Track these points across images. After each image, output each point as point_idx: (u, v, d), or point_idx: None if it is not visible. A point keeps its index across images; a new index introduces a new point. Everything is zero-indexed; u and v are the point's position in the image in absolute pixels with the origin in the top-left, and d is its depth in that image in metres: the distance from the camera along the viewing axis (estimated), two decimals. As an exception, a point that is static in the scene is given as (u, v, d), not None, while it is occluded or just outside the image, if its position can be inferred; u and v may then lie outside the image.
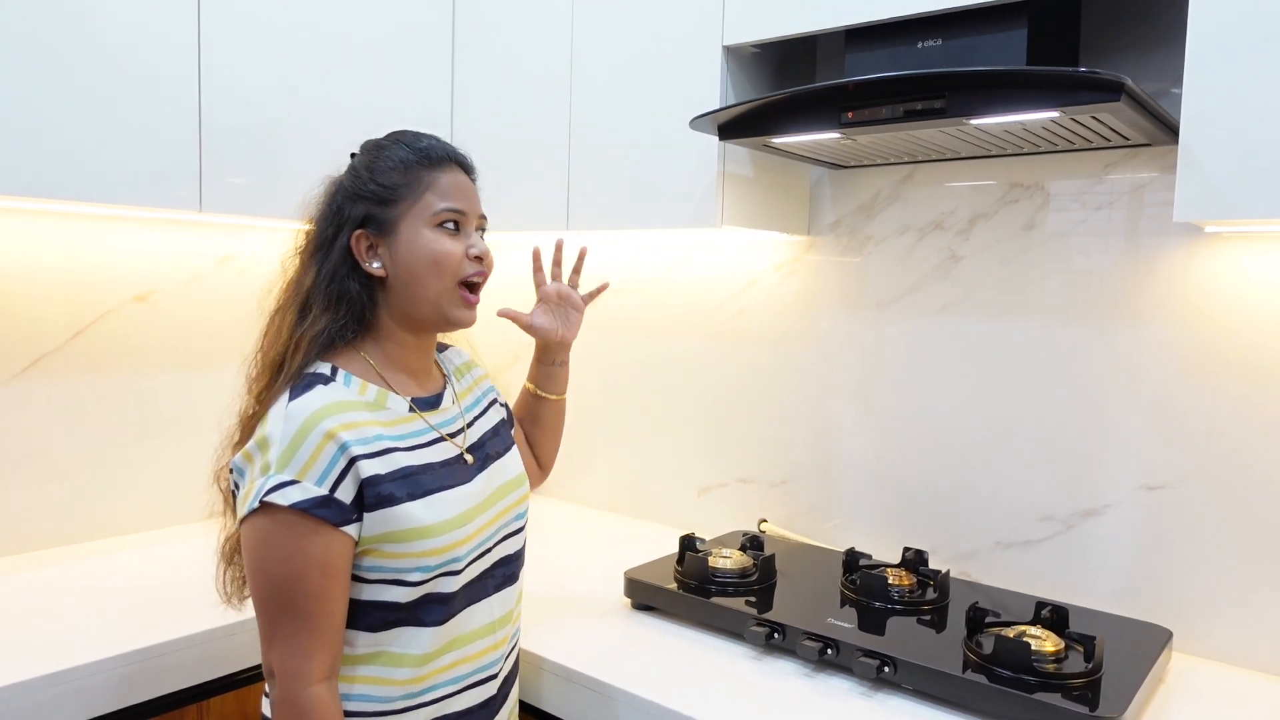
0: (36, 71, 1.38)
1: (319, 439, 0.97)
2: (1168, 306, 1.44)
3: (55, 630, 1.35)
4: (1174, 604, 1.44)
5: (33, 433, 1.70)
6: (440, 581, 1.05)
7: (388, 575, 1.02)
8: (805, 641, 1.32)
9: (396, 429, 1.07)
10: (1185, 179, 1.12)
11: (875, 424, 1.76)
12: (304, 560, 0.96)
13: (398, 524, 1.01)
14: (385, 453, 1.03)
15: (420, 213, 1.08)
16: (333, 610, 0.99)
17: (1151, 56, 1.42)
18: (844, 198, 1.78)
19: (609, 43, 1.72)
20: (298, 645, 0.97)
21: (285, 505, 0.95)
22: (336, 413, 1.00)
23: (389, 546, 1.01)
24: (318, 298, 1.07)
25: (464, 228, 1.11)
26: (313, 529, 0.96)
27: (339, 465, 0.98)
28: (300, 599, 0.96)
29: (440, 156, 1.11)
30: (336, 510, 0.97)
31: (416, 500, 1.03)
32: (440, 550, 1.04)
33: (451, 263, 1.09)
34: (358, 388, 1.06)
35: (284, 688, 0.98)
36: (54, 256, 1.71)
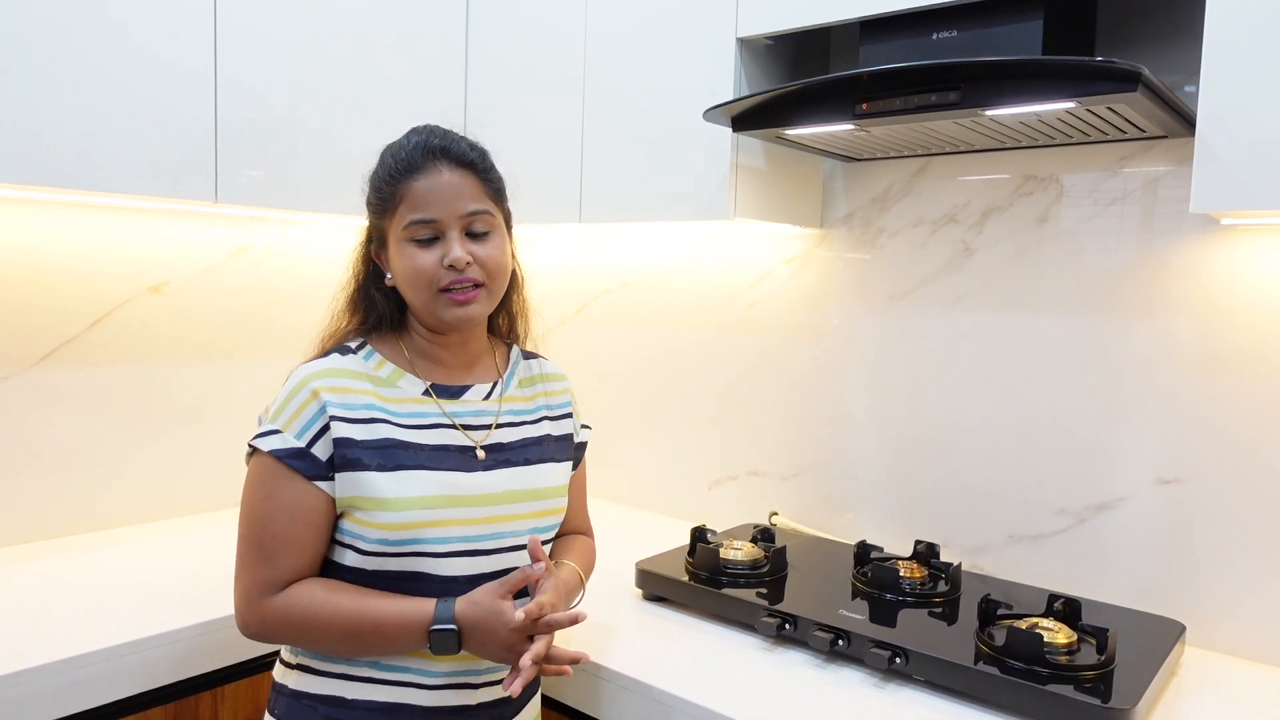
0: (55, 64, 1.40)
1: (305, 396, 1.05)
2: (1183, 300, 1.43)
3: (73, 616, 1.36)
4: (1187, 597, 1.43)
5: (50, 422, 1.71)
6: (415, 561, 1.06)
7: (346, 539, 1.07)
8: (817, 632, 1.32)
9: (398, 405, 1.10)
10: (1202, 170, 1.12)
11: (887, 417, 1.76)
12: (274, 503, 1.03)
13: (360, 490, 1.04)
14: (371, 421, 1.06)
15: (396, 227, 1.09)
16: (293, 553, 1.04)
17: (1168, 48, 1.42)
18: (857, 190, 1.78)
19: (622, 35, 1.72)
20: (259, 576, 1.04)
21: (265, 451, 1.04)
22: (330, 376, 1.07)
23: (356, 513, 1.05)
24: (359, 299, 1.17)
25: (442, 234, 1.08)
26: (287, 476, 1.03)
27: (318, 423, 1.04)
28: (266, 537, 1.03)
29: (419, 159, 1.08)
30: (310, 464, 1.04)
31: (386, 472, 1.05)
32: (400, 526, 1.04)
33: (423, 277, 1.08)
34: (375, 363, 1.12)
35: (247, 610, 1.04)
36: (71, 247, 1.72)
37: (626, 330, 2.16)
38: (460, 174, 1.10)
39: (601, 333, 2.20)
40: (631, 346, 2.15)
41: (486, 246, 1.12)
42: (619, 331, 2.17)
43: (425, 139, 1.11)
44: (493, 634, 1.02)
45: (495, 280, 1.13)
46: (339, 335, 1.17)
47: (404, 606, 1.03)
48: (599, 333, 2.21)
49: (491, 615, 1.02)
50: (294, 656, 1.12)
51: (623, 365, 2.17)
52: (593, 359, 2.22)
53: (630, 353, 2.15)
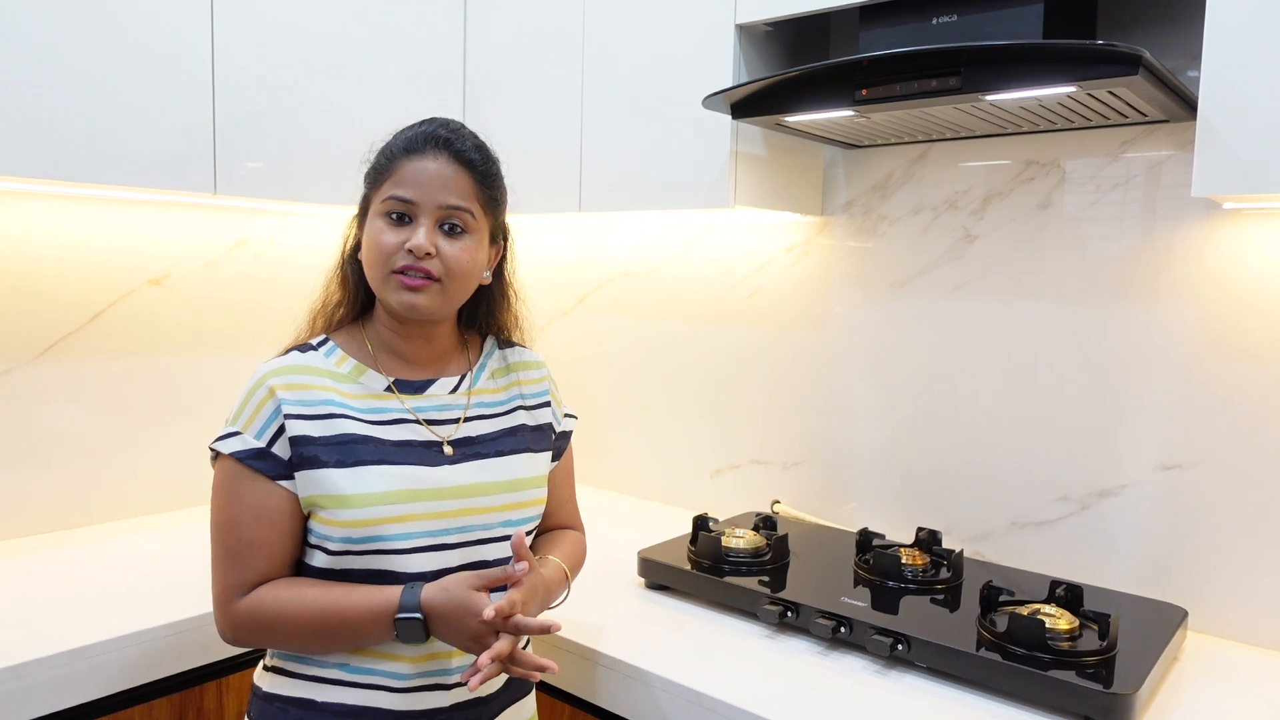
0: (54, 58, 1.39)
1: (263, 395, 1.04)
2: (1186, 284, 1.43)
3: (76, 608, 1.37)
4: (1190, 583, 1.43)
5: (51, 415, 1.72)
6: (380, 559, 1.04)
7: (314, 540, 1.06)
8: (819, 620, 1.32)
9: (360, 401, 1.08)
10: (1204, 153, 1.11)
11: (889, 405, 1.76)
12: (239, 506, 1.02)
13: (319, 488, 1.03)
14: (328, 417, 1.05)
15: (377, 200, 1.09)
16: (261, 555, 1.03)
17: (1169, 32, 1.41)
18: (857, 177, 1.78)
19: (621, 22, 1.72)
20: (229, 579, 1.03)
21: (226, 453, 1.03)
22: (287, 374, 1.06)
23: (319, 512, 1.04)
24: (340, 275, 1.16)
25: (415, 218, 1.06)
26: (248, 477, 1.02)
27: (275, 422, 1.03)
28: (233, 541, 1.03)
29: (421, 143, 1.08)
30: (271, 464, 1.03)
31: (345, 468, 1.03)
32: (361, 523, 1.02)
33: (381, 253, 1.06)
34: (336, 359, 1.11)
35: (221, 611, 1.03)
36: (71, 240, 1.72)
37: (627, 320, 2.16)
38: (455, 168, 1.08)
39: (602, 323, 2.20)
40: (632, 336, 2.15)
41: (455, 245, 1.08)
42: (620, 321, 2.17)
43: (434, 128, 1.10)
44: (460, 624, 0.99)
45: (453, 280, 1.08)
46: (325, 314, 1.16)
47: (370, 596, 1.01)
48: (600, 323, 2.20)
49: (460, 605, 0.99)
50: (271, 659, 1.11)
51: (624, 355, 2.17)
52: (594, 349, 2.22)
53: (631, 342, 2.15)
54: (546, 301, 2.31)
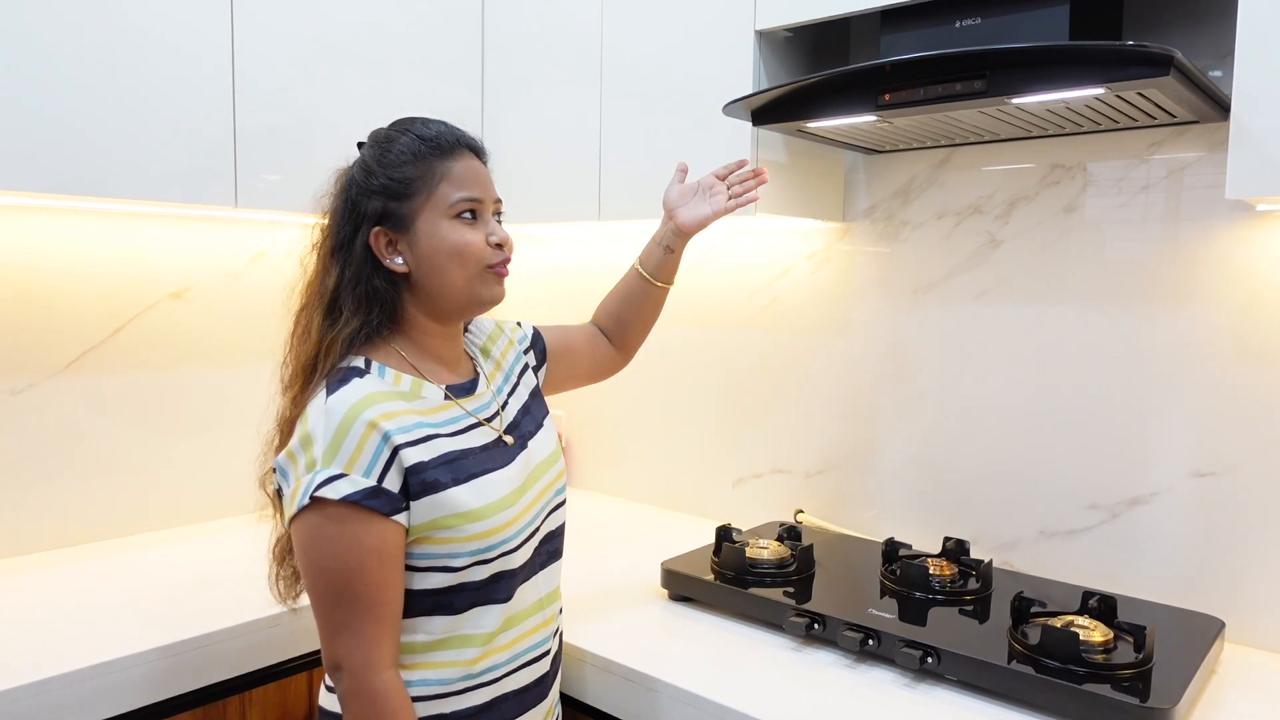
0: (75, 72, 1.40)
1: (362, 430, 0.97)
2: (1218, 288, 1.40)
3: (98, 623, 1.36)
4: (1226, 594, 1.40)
5: (74, 428, 1.72)
6: (505, 560, 1.07)
7: (436, 562, 1.02)
8: (846, 632, 1.30)
9: (435, 416, 1.06)
10: (1237, 155, 1.09)
11: (913, 413, 1.74)
12: (360, 551, 0.96)
13: (445, 509, 1.01)
14: (427, 439, 1.02)
15: (437, 205, 1.06)
16: (392, 598, 0.99)
17: (1196, 31, 1.39)
18: (879, 183, 1.76)
19: (639, 29, 1.71)
20: (365, 635, 0.97)
21: (336, 499, 0.95)
22: (376, 403, 1.00)
23: (439, 533, 1.01)
24: (347, 300, 1.06)
25: (481, 215, 1.10)
26: (366, 519, 0.96)
27: (384, 455, 0.98)
28: (361, 589, 0.97)
29: (450, 143, 1.09)
30: (386, 500, 0.97)
31: (461, 485, 1.03)
32: (491, 532, 1.04)
33: (474, 252, 1.08)
34: (392, 379, 1.06)
35: (355, 679, 0.98)
36: (93, 254, 1.73)
37: (647, 328, 2.14)
38: (480, 163, 1.13)
39: (622, 331, 2.19)
40: (652, 344, 2.14)
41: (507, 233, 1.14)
42: (640, 330, 2.15)
43: (446, 128, 1.11)
44: None
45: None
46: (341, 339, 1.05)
47: None
48: (619, 331, 2.19)
49: None
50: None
51: (643, 363, 2.15)
52: (614, 358, 2.21)
53: (651, 351, 2.14)
54: (567, 308, 2.30)
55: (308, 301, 1.10)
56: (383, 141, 1.09)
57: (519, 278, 2.39)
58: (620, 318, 1.42)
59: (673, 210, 1.38)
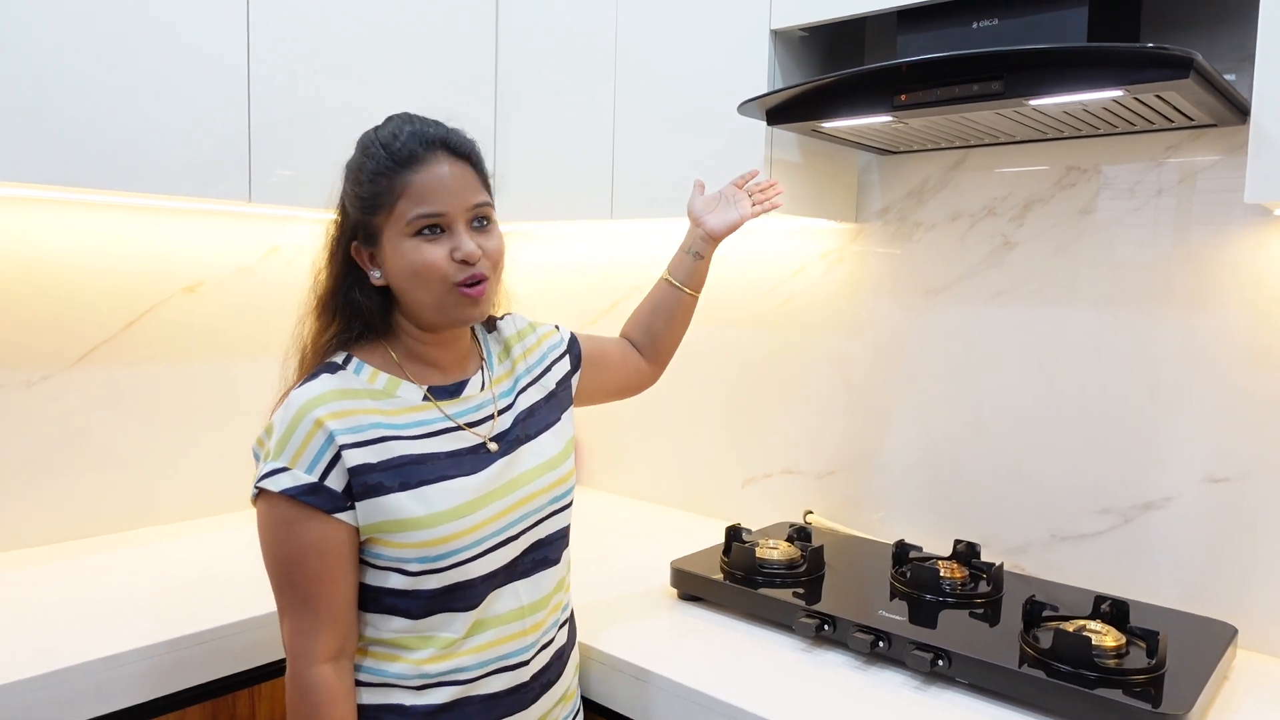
0: (90, 67, 1.40)
1: (309, 427, 0.99)
2: (1233, 293, 1.39)
3: (110, 615, 1.37)
4: (1239, 599, 1.39)
5: (87, 421, 1.73)
6: (461, 570, 1.04)
7: (390, 563, 1.02)
8: (857, 634, 1.30)
9: (401, 417, 1.05)
10: (1257, 159, 1.08)
11: (925, 414, 1.73)
12: (299, 544, 0.99)
13: (386, 514, 1.00)
14: (379, 441, 1.01)
15: (396, 223, 1.02)
16: (333, 593, 1.00)
17: (1216, 34, 1.38)
18: (893, 184, 1.75)
19: (654, 27, 1.71)
20: (302, 626, 1.00)
21: (276, 491, 0.98)
22: (330, 401, 1.00)
23: (386, 536, 1.01)
24: (339, 305, 1.08)
25: (449, 228, 1.04)
26: (305, 515, 0.98)
27: (327, 454, 0.99)
28: (300, 580, 0.99)
29: (411, 153, 1.02)
30: (327, 498, 0.98)
31: (408, 490, 1.01)
32: (438, 542, 1.02)
33: (434, 273, 1.03)
34: (368, 375, 1.06)
35: (292, 665, 1.01)
36: (106, 248, 1.74)
37: (658, 327, 2.14)
38: (459, 165, 1.05)
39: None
40: (663, 343, 2.13)
41: (491, 239, 1.07)
42: (650, 328, 2.15)
43: (420, 128, 1.04)
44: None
45: (497, 271, 1.09)
46: (318, 346, 1.08)
47: None
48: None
49: None
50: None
51: (654, 362, 2.15)
52: (624, 356, 2.21)
53: (662, 350, 2.14)
54: (577, 308, 2.30)
55: (310, 305, 1.12)
56: (365, 148, 1.06)
57: (531, 276, 2.39)
58: (651, 329, 1.41)
59: (700, 218, 1.40)
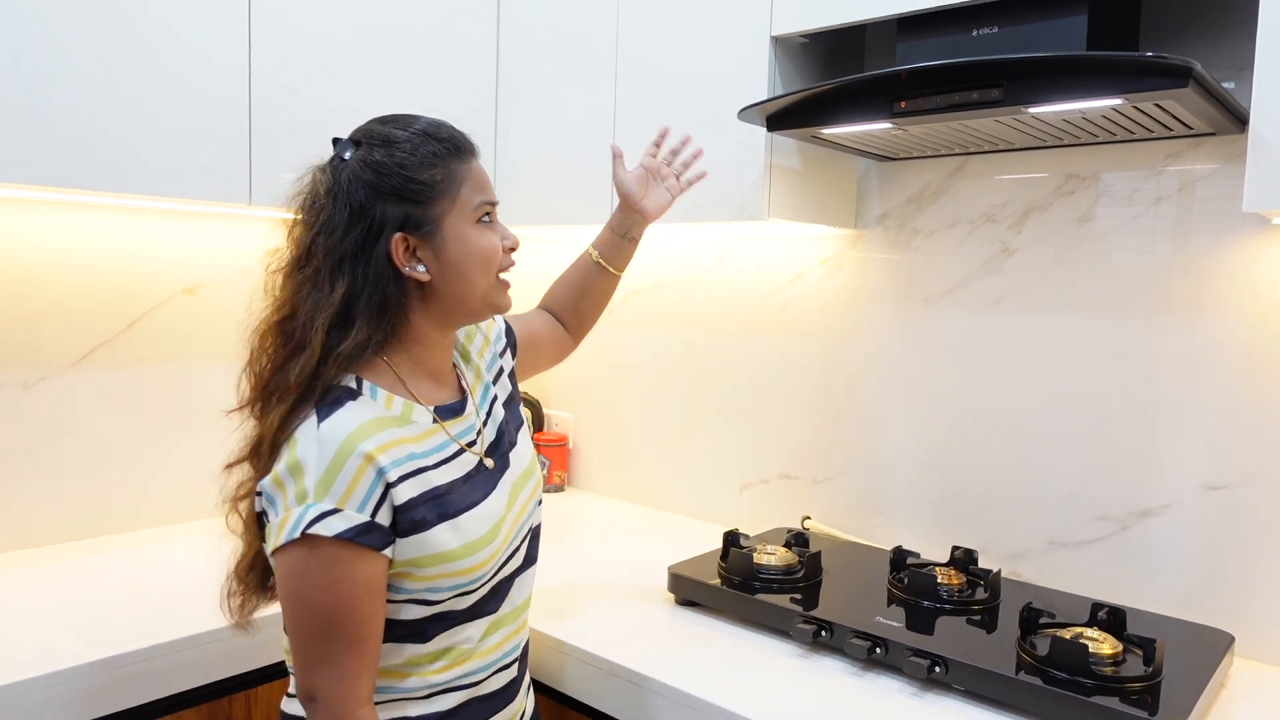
0: (91, 68, 1.40)
1: (358, 463, 0.93)
2: (1232, 301, 1.39)
3: (107, 617, 1.37)
4: (1236, 608, 1.39)
5: (86, 422, 1.73)
6: (484, 588, 1.05)
7: (413, 596, 0.99)
8: (854, 640, 1.29)
9: (423, 444, 1.02)
10: (1256, 168, 1.09)
11: (923, 421, 1.73)
12: (350, 585, 0.93)
13: (426, 549, 0.98)
14: (416, 474, 0.99)
15: (462, 209, 1.03)
16: (376, 632, 0.96)
17: (1215, 43, 1.38)
18: (892, 190, 1.76)
19: (655, 33, 1.71)
20: (346, 669, 0.94)
21: (329, 536, 0.91)
22: (372, 433, 0.96)
23: (418, 570, 0.98)
24: (361, 310, 0.99)
25: (494, 218, 1.08)
26: (357, 556, 0.93)
27: (378, 491, 0.94)
28: (348, 623, 0.93)
29: (466, 145, 1.06)
30: (378, 536, 0.94)
31: (445, 522, 0.99)
32: (471, 570, 1.01)
33: (496, 259, 1.07)
34: (384, 401, 1.01)
35: (330, 712, 0.94)
36: (107, 249, 1.74)
37: (658, 331, 2.14)
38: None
39: (632, 334, 2.19)
40: (662, 348, 2.14)
41: None
42: (650, 333, 2.16)
43: (451, 128, 1.07)
44: None
45: None
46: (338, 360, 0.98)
47: None
48: (630, 334, 2.19)
49: None
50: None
51: (654, 367, 2.15)
52: (623, 361, 2.21)
53: (661, 354, 2.14)
54: (575, 313, 2.30)
55: (277, 321, 1.03)
56: (389, 140, 1.02)
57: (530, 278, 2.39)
58: (578, 309, 1.43)
59: (637, 201, 1.39)
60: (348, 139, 1.05)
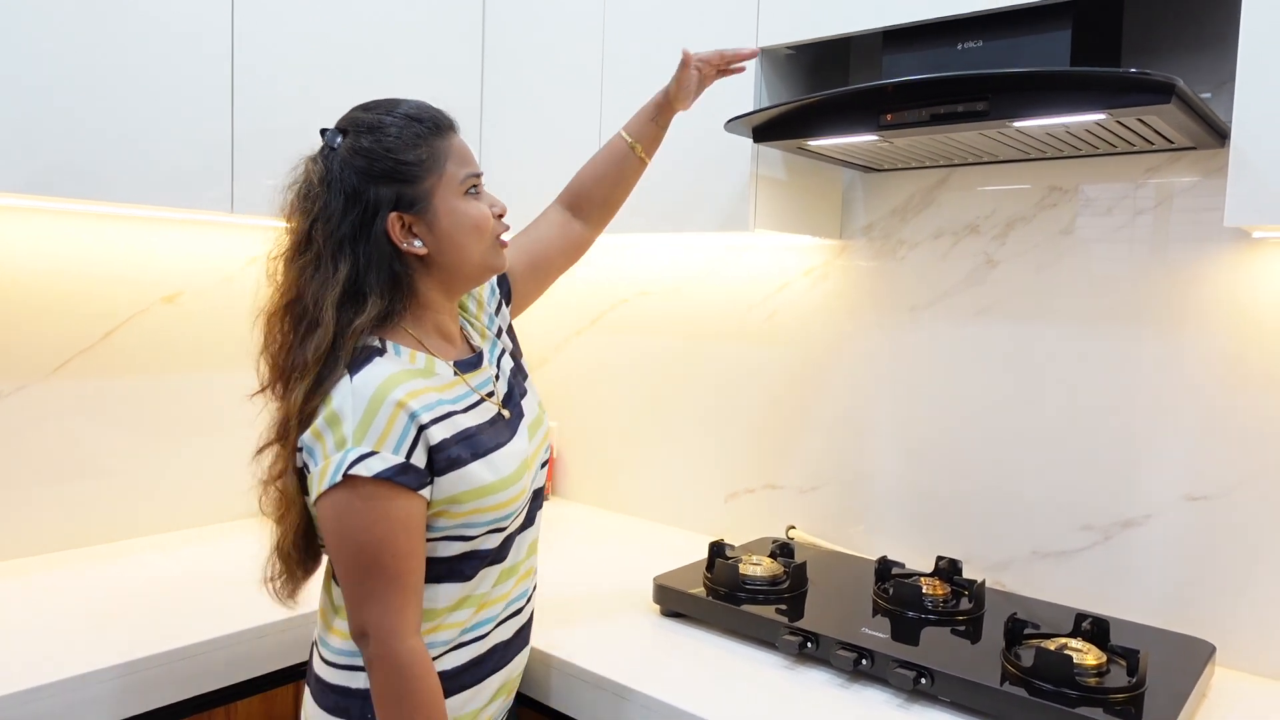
0: (72, 74, 1.39)
1: (391, 409, 1.01)
2: (1212, 312, 1.41)
3: (84, 630, 1.35)
4: (1217, 617, 1.41)
5: (65, 432, 1.70)
6: (512, 524, 1.13)
7: (451, 532, 1.07)
8: (839, 651, 1.29)
9: (449, 392, 1.10)
10: (1237, 183, 1.10)
11: (907, 430, 1.74)
12: (389, 524, 1.00)
13: (465, 484, 1.05)
14: (446, 417, 1.06)
15: (449, 184, 1.10)
16: (417, 567, 1.03)
17: (1195, 57, 1.40)
18: (877, 201, 1.76)
19: (641, 44, 1.71)
20: (390, 603, 1.01)
21: (369, 476, 0.99)
22: (401, 382, 1.03)
23: (455, 507, 1.06)
24: (372, 286, 1.06)
25: (479, 188, 1.14)
26: (395, 494, 1.00)
27: (411, 433, 1.01)
28: (389, 559, 1.00)
29: (446, 122, 1.13)
30: (414, 476, 1.01)
31: (479, 460, 1.07)
32: (507, 503, 1.09)
33: (488, 225, 1.13)
34: (408, 356, 1.09)
35: (381, 644, 1.01)
36: (85, 256, 1.71)
37: (644, 340, 2.14)
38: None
39: (618, 342, 2.19)
40: (649, 357, 2.14)
41: None
42: (636, 341, 2.16)
43: (430, 107, 1.13)
44: None
45: None
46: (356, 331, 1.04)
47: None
48: (615, 342, 2.19)
49: None
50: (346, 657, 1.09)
51: (639, 376, 2.15)
52: (609, 369, 2.21)
53: (647, 363, 2.14)
54: (562, 319, 2.29)
55: (284, 304, 1.08)
56: (375, 127, 1.09)
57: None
58: (609, 198, 1.44)
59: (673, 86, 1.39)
60: (335, 128, 1.12)
